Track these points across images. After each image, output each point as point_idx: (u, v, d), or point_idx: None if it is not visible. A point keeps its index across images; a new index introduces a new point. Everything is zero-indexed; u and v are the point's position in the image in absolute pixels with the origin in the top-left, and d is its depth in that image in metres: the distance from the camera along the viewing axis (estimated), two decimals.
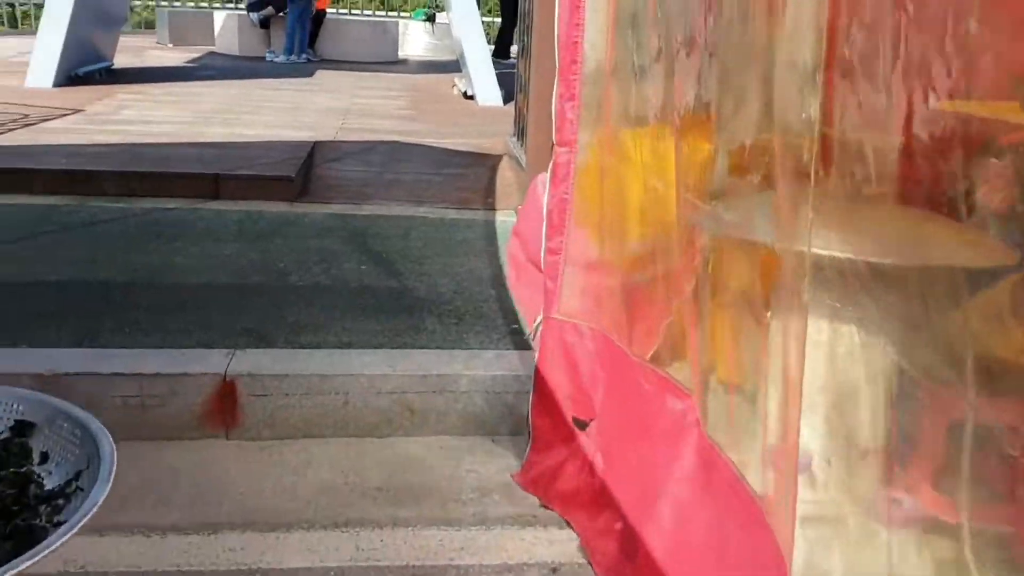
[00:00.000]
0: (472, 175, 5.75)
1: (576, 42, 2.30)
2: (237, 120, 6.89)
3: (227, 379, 2.80)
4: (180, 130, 6.33)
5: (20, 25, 15.25)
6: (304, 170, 5.48)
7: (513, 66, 12.06)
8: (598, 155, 2.44)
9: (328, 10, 12.93)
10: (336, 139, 6.42)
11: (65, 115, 6.67)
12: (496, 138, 6.65)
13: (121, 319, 3.21)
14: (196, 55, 11.91)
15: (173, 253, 4.00)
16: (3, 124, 6.14)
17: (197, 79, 9.42)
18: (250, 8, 11.96)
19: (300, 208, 4.96)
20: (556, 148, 2.44)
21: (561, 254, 2.51)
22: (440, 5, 16.54)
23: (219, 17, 12.46)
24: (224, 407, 2.82)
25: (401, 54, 12.96)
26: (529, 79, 5.26)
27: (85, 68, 8.59)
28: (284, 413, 2.82)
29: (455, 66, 11.75)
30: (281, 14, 11.82)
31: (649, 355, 2.24)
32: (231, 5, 15.61)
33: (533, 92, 5.01)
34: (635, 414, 2.23)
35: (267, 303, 3.44)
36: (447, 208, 5.13)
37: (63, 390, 2.74)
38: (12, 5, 15.21)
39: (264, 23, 11.85)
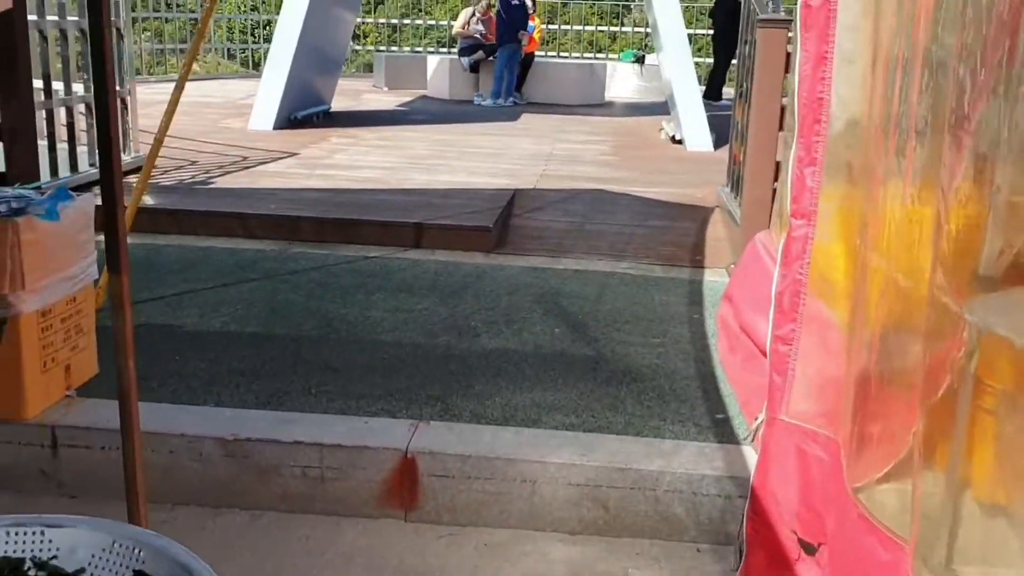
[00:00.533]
0: (679, 228, 5.39)
1: (821, 98, 1.93)
2: (441, 166, 6.89)
3: (408, 455, 2.59)
4: (386, 175, 6.38)
5: (258, 67, 16.33)
6: (502, 219, 5.32)
7: (725, 108, 11.60)
8: (842, 230, 2.04)
9: (537, 53, 13.00)
10: (537, 187, 6.26)
11: (280, 158, 6.90)
12: (706, 188, 6.26)
13: (309, 379, 3.10)
14: (408, 99, 12.26)
15: (369, 306, 3.90)
16: (224, 167, 6.42)
17: (407, 123, 9.62)
18: (461, 53, 12.20)
19: (496, 259, 4.78)
20: (792, 221, 2.07)
21: (792, 345, 2.12)
22: (650, 46, 16.33)
23: (432, 61, 12.81)
24: (404, 485, 2.62)
25: (608, 96, 12.79)
26: (747, 127, 4.86)
27: (303, 112, 8.96)
28: (466, 497, 2.58)
29: (663, 108, 11.43)
30: (491, 58, 11.97)
31: (864, 482, 1.82)
32: (444, 50, 16.10)
33: (751, 142, 4.60)
34: (850, 553, 1.81)
35: (455, 368, 3.24)
36: (651, 264, 4.81)
37: (244, 455, 2.63)
38: (246, 47, 16.37)
39: (474, 67, 12.04)
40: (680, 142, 8.47)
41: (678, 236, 5.25)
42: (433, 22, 18.64)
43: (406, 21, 18.17)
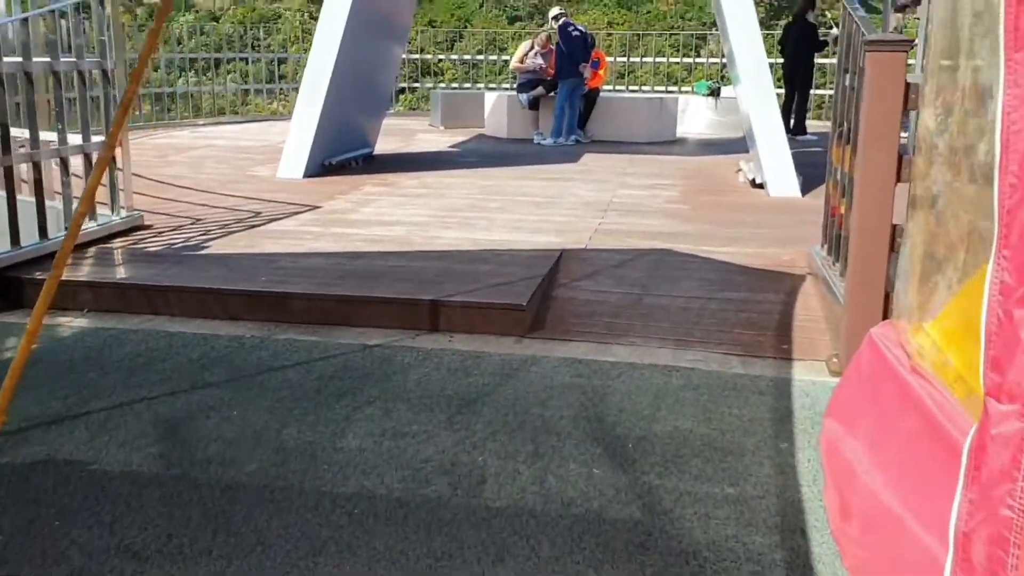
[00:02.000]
0: (761, 303, 4.32)
1: None
2: (480, 220, 5.95)
3: None
4: (413, 233, 5.47)
5: None
6: (542, 292, 4.34)
7: (811, 144, 10.45)
8: None
9: (604, 87, 12.04)
10: (589, 246, 5.25)
11: (298, 213, 6.06)
12: (795, 248, 5.17)
13: (225, 565, 2.15)
14: (463, 138, 11.42)
15: (347, 428, 2.95)
16: (229, 225, 5.60)
17: (455, 166, 8.75)
18: (520, 89, 11.31)
19: (530, 348, 3.80)
20: (992, 404, 1.05)
21: None
22: (727, 77, 15.24)
23: (489, 98, 11.96)
24: None
25: (680, 131, 11.74)
26: (850, 174, 3.80)
27: (340, 157, 8.16)
28: None
29: (740, 145, 10.33)
30: (551, 94, 11.06)
31: None
32: (505, 85, 15.29)
33: (859, 196, 3.54)
34: None
35: (439, 545, 2.25)
36: (724, 354, 3.76)
37: None
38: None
39: (533, 104, 11.15)
40: (761, 186, 7.37)
41: (760, 314, 4.19)
42: (508, 58, 17.70)
43: (480, 57, 17.48)
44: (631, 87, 15.37)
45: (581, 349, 3.79)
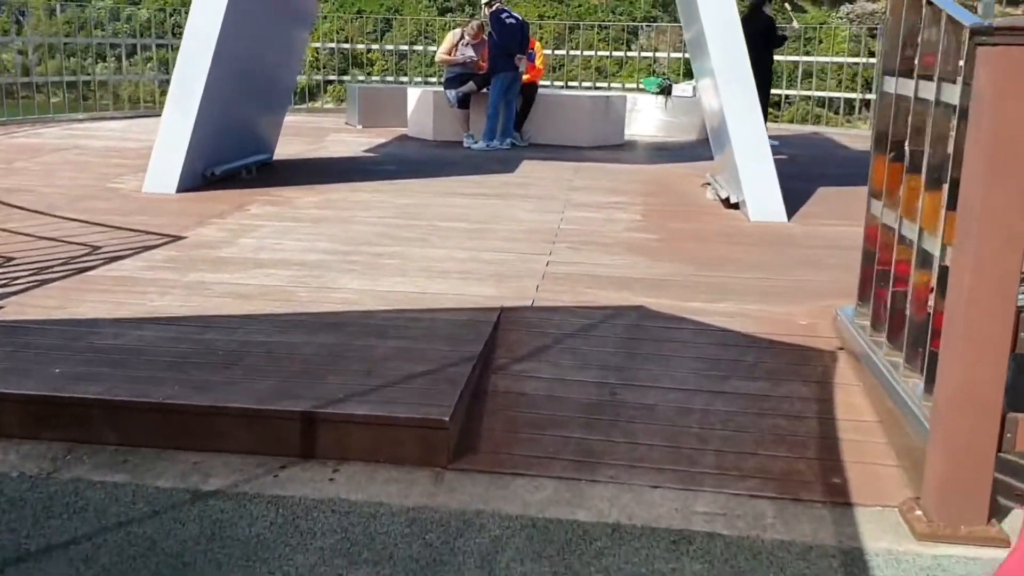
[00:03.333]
0: (786, 400, 3.04)
1: None
2: (391, 259, 4.56)
3: None
4: (299, 280, 4.05)
5: None
6: (472, 386, 2.99)
7: (775, 150, 9.28)
8: None
9: (541, 82, 10.71)
10: (536, 301, 3.91)
11: (151, 247, 4.58)
12: (810, 304, 3.91)
13: None
14: (383, 140, 9.97)
15: None
16: (51, 268, 4.09)
17: (369, 176, 7.31)
18: (447, 85, 9.90)
19: (456, 495, 2.45)
20: None
21: None
22: (665, 73, 14.08)
23: (412, 95, 10.52)
24: None
25: (627, 134, 10.48)
26: (922, 210, 2.54)
27: (225, 166, 6.66)
28: None
29: (696, 151, 9.12)
30: (484, 91, 9.69)
31: None
32: (433, 79, 13.85)
33: (971, 269, 2.26)
34: None
35: None
36: (752, 495, 2.47)
37: None
38: None
39: (463, 102, 9.75)
40: (736, 206, 6.13)
41: (789, 419, 2.90)
42: (435, 49, 15.72)
43: (416, 48, 15.51)
44: (559, 82, 14.05)
45: (537, 496, 2.45)
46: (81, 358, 2.99)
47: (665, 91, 11.21)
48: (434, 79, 14.40)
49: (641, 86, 12.14)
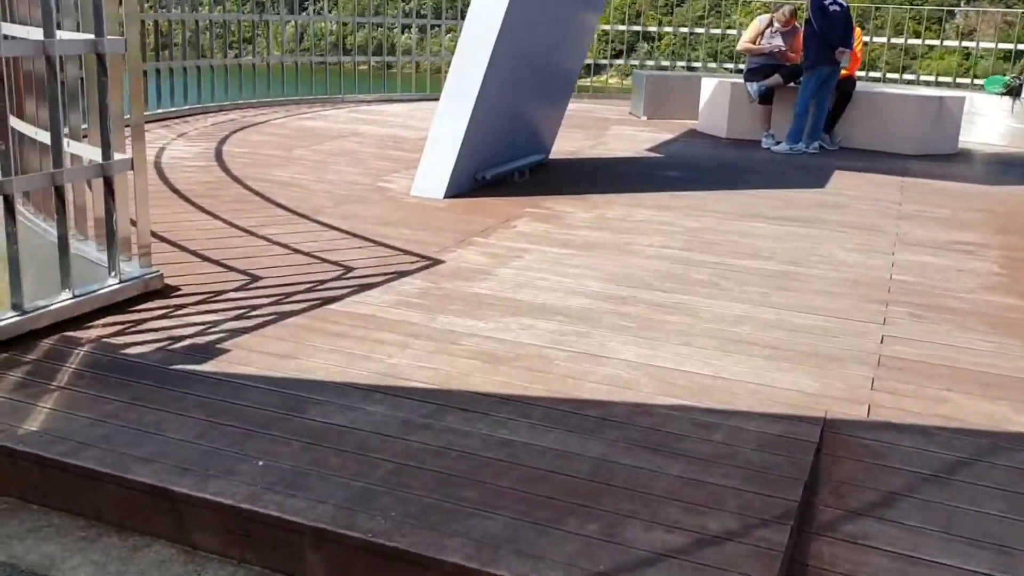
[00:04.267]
0: None
1: None
2: (677, 309, 3.69)
3: None
4: (562, 336, 3.30)
5: None
6: (788, 559, 2.08)
7: None
8: None
9: (857, 73, 9.27)
10: (873, 409, 2.88)
11: (404, 273, 4.03)
12: None
13: None
14: (669, 136, 9.07)
15: None
16: (292, 294, 3.65)
17: (652, 186, 6.47)
18: (748, 76, 8.78)
19: None
20: None
21: None
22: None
23: (707, 86, 9.50)
24: None
25: (962, 141, 8.82)
26: None
27: (498, 170, 6.09)
28: None
29: None
30: (791, 84, 8.49)
31: None
32: (730, 67, 12.68)
33: None
34: None
35: None
36: None
37: None
38: None
39: (765, 97, 8.60)
40: None
41: None
42: (734, 32, 13.97)
43: (698, 30, 13.71)
44: (877, 74, 12.25)
45: None
46: (293, 448, 2.42)
47: (1013, 92, 9.34)
48: (729, 64, 13.22)
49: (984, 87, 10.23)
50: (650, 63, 13.67)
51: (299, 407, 2.66)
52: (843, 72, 8.34)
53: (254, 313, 3.44)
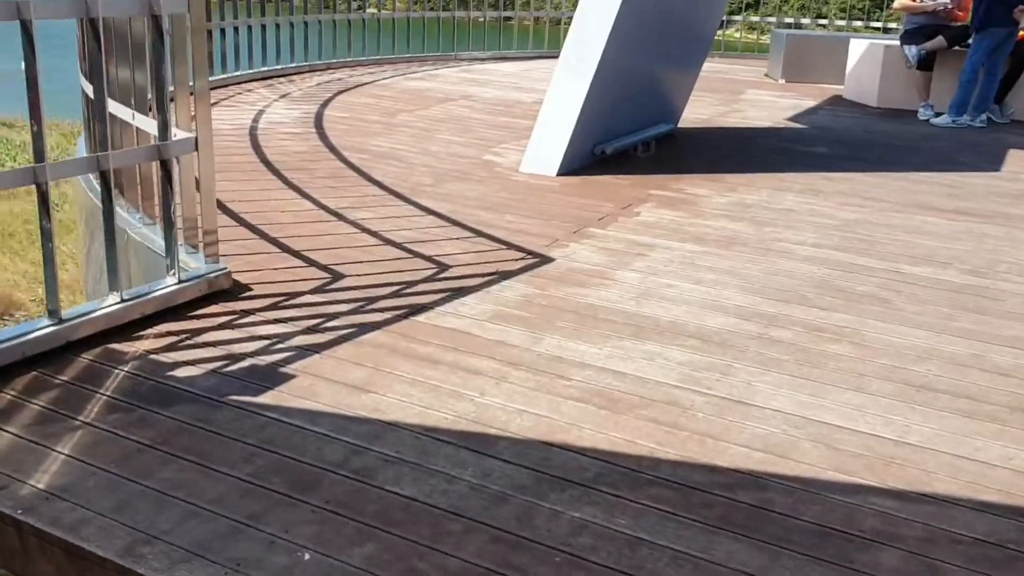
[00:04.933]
0: None
1: None
2: (841, 336, 2.99)
3: None
4: (697, 372, 2.66)
5: None
6: None
7: None
8: None
9: None
10: None
11: (506, 274, 3.43)
12: None
13: None
14: (811, 103, 8.14)
15: None
16: (377, 298, 3.11)
17: (796, 164, 5.67)
18: (906, 39, 7.74)
19: None
20: None
21: None
22: None
23: (855, 48, 8.49)
24: None
25: None
26: None
27: (619, 143, 5.41)
28: None
29: None
30: (957, 48, 7.44)
31: None
32: (877, 26, 11.50)
33: None
34: None
35: None
36: None
37: None
38: None
39: (925, 62, 7.57)
40: None
41: None
42: None
43: None
44: None
45: None
46: (349, 532, 1.88)
47: None
48: (877, 23, 12.03)
49: None
50: (770, 20, 12.53)
51: (366, 468, 2.12)
52: (1021, 34, 7.23)
53: (329, 325, 2.92)
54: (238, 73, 7.92)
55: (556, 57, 5.11)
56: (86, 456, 2.12)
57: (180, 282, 2.97)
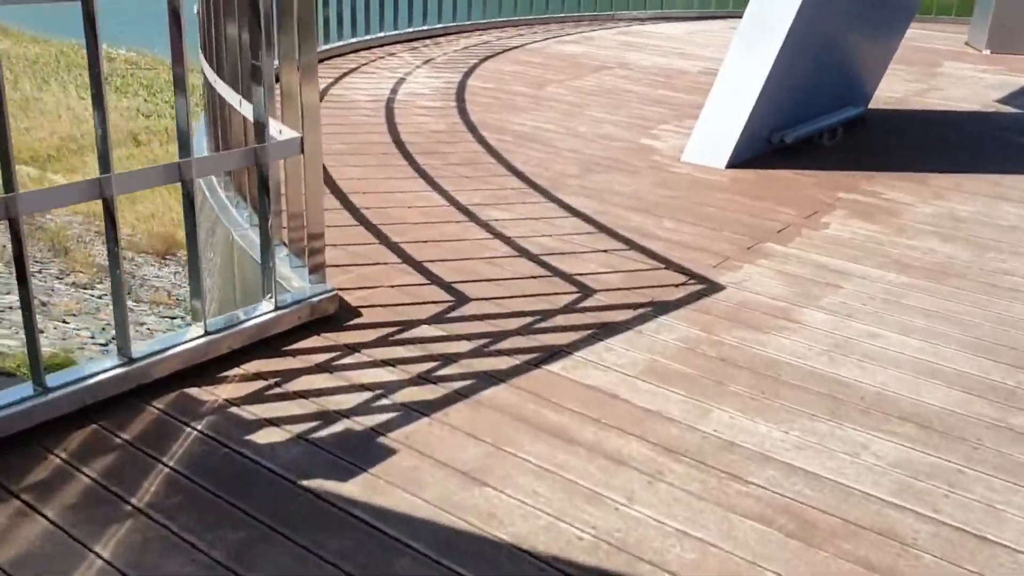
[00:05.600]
0: None
1: None
2: None
3: None
4: (915, 486, 2.00)
5: None
6: None
7: None
8: None
9: None
10: None
11: (662, 307, 2.82)
12: None
13: None
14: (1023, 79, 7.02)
15: None
16: (503, 336, 2.57)
17: (1015, 163, 4.75)
18: None
19: None
20: None
21: None
22: None
23: None
24: None
25: None
26: None
27: (800, 131, 4.63)
28: None
29: None
30: None
31: None
32: None
33: None
34: None
35: None
36: None
37: None
38: None
39: None
40: None
41: None
42: None
43: None
44: None
45: None
46: None
47: None
48: None
49: None
50: None
51: None
52: None
53: (445, 372, 2.40)
54: (382, 35, 7.50)
55: (727, 17, 4.39)
56: (130, 565, 1.68)
57: (277, 308, 2.52)
